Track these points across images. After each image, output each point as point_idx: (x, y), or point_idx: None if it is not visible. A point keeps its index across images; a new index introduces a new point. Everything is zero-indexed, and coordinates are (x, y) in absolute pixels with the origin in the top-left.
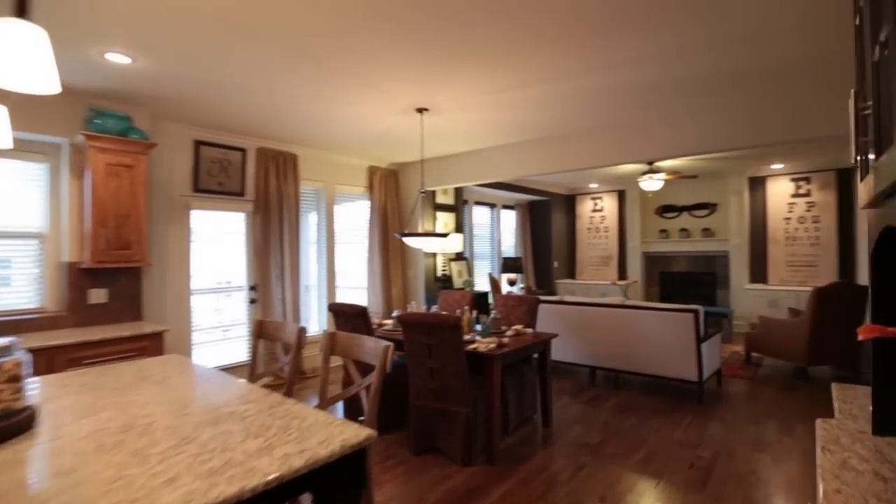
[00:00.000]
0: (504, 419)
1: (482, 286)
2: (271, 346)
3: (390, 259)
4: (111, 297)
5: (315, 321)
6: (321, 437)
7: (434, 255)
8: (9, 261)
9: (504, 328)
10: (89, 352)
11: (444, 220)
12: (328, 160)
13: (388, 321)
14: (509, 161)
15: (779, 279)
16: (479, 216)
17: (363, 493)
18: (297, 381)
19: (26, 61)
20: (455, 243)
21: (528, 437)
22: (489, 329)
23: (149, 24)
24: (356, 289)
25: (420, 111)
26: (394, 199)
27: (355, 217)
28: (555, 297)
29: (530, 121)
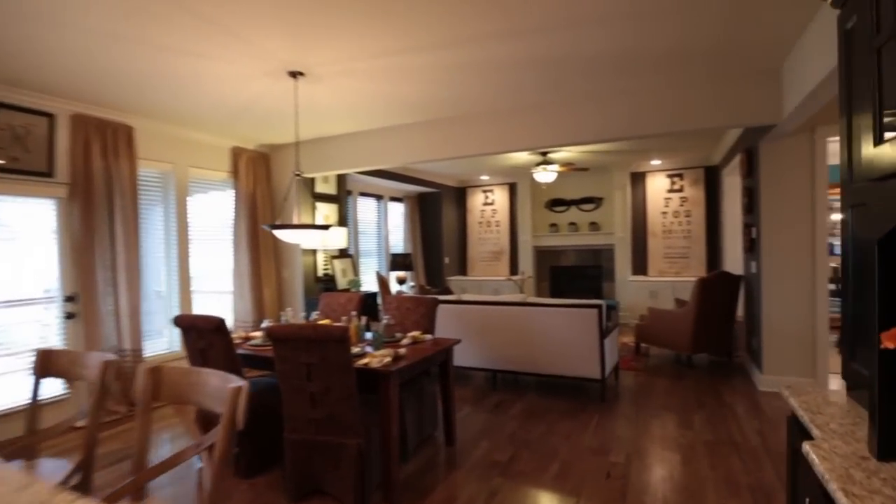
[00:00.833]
0: (403, 444)
1: (370, 286)
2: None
3: (261, 257)
4: None
5: (167, 338)
6: None
7: (314, 252)
8: None
9: (399, 336)
10: None
11: (326, 212)
12: (178, 136)
13: (258, 333)
14: (399, 145)
15: (658, 270)
16: (365, 209)
17: None
18: (108, 425)
19: None
20: (338, 238)
21: (430, 460)
22: (382, 338)
23: None
24: (220, 294)
25: (294, 75)
26: (265, 186)
27: (217, 208)
28: (452, 296)
29: (423, 98)
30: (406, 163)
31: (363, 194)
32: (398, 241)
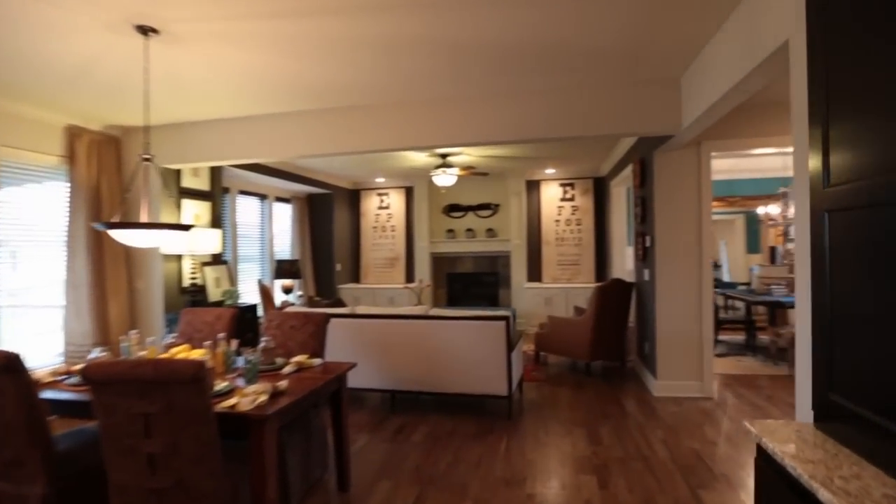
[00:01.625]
0: (284, 496)
1: (251, 297)
2: None
3: (107, 265)
4: None
5: None
6: None
7: (179, 259)
8: None
9: (281, 362)
10: None
11: (196, 211)
12: None
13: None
14: (286, 136)
15: (551, 277)
16: (246, 209)
17: None
18: None
19: None
20: (209, 241)
21: None
22: (257, 367)
23: None
24: (50, 309)
25: (144, 32)
26: (113, 178)
27: (45, 202)
28: (345, 308)
29: (313, 80)
30: (293, 157)
31: (244, 193)
32: (285, 245)
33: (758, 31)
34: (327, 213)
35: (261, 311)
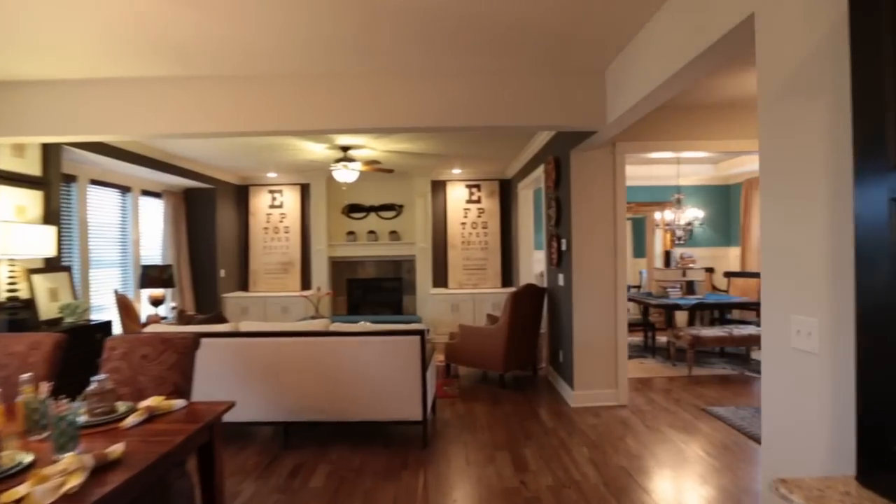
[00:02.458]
0: None
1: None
2: None
3: None
4: None
5: None
6: None
7: None
8: None
9: (124, 408)
10: None
11: (18, 202)
12: None
13: None
14: (144, 106)
15: (457, 283)
16: (102, 203)
17: None
18: None
19: None
20: (38, 242)
21: None
22: (76, 425)
23: None
24: None
25: None
26: None
27: None
28: (225, 325)
29: (185, 32)
30: (152, 135)
31: (98, 183)
32: (154, 249)
33: (709, 9)
34: (208, 212)
35: (121, 331)
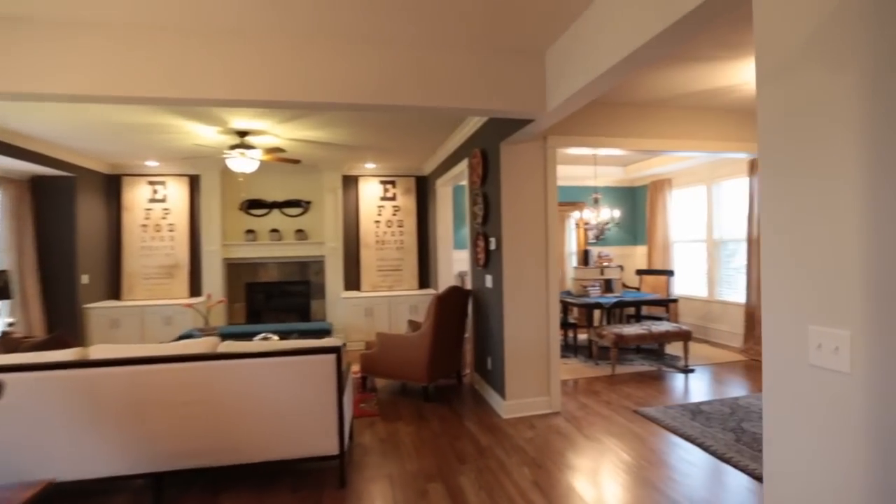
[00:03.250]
0: None
1: None
2: None
3: None
4: None
5: None
6: None
7: None
8: None
9: None
10: None
11: None
12: None
13: None
14: None
15: (371, 285)
16: None
17: None
18: None
19: None
20: None
21: None
22: None
23: None
24: None
25: None
26: None
27: None
28: (66, 352)
29: None
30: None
31: None
32: None
33: None
34: (65, 205)
35: None
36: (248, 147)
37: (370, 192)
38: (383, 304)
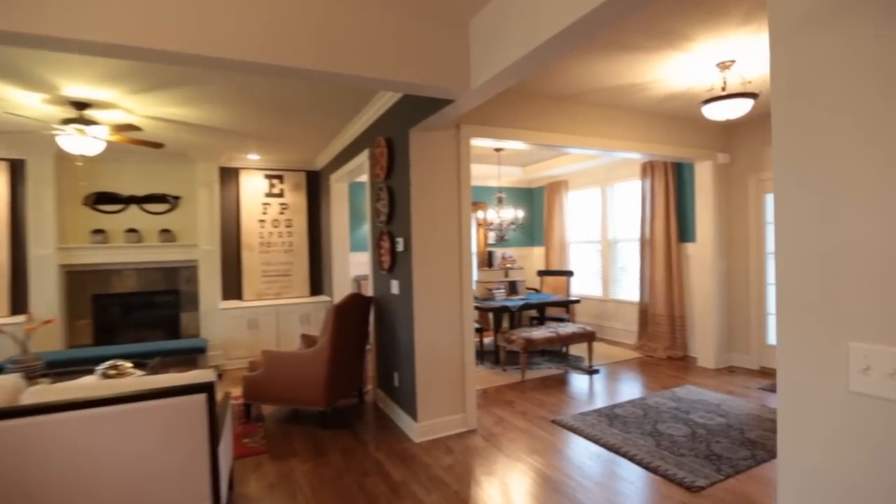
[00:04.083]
0: None
1: None
2: None
3: None
4: None
5: None
6: None
7: None
8: None
9: None
10: None
11: None
12: None
13: None
14: None
15: (255, 293)
16: None
17: None
18: None
19: None
20: None
21: None
22: None
23: None
24: None
25: None
26: None
27: None
28: None
29: None
30: None
31: None
32: None
33: None
34: None
35: None
36: (89, 122)
37: (254, 187)
38: (270, 315)
